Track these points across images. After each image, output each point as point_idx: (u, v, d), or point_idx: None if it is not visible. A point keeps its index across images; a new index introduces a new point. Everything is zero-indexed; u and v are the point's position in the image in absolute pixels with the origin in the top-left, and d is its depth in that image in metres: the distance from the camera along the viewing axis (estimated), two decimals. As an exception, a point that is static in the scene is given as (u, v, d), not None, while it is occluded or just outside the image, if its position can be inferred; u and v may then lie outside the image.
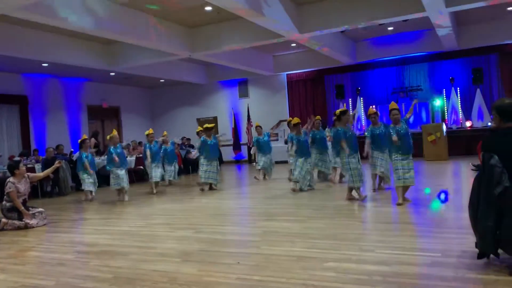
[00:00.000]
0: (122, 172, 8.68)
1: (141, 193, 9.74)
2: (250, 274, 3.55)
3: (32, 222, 6.33)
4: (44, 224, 6.50)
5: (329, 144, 9.25)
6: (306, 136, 8.37)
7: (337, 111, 7.03)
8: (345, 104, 7.63)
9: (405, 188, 6.30)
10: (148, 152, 9.64)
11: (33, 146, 13.71)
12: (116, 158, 8.57)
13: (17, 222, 6.28)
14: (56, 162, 7.21)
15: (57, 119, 14.80)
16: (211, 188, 9.37)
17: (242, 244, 4.54)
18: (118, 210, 7.74)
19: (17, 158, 10.27)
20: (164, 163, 10.60)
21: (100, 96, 16.45)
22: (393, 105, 6.49)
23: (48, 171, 7.28)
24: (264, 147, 10.29)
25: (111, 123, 17.22)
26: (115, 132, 9.15)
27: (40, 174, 7.52)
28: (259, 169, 10.33)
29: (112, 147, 8.80)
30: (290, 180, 9.07)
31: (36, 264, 4.49)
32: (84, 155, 9.10)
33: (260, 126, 10.71)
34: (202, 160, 9.30)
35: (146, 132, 9.94)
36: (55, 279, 3.81)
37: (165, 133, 10.77)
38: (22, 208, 6.34)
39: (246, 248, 4.38)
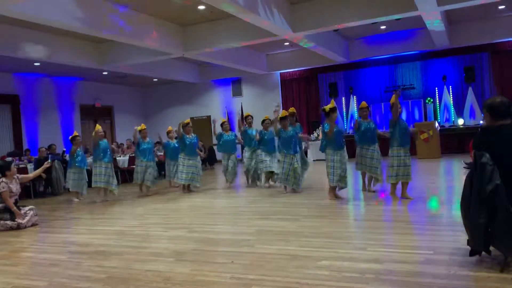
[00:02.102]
0: (106, 170, 8.59)
1: (134, 193, 9.71)
2: (244, 273, 3.55)
3: (25, 221, 6.30)
4: (36, 222, 6.49)
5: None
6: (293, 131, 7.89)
7: (327, 107, 6.84)
8: (333, 100, 7.47)
9: (404, 185, 6.40)
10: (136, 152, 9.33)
11: (25, 146, 13.61)
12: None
13: (9, 223, 6.24)
14: (46, 162, 7.19)
15: (50, 118, 14.71)
16: (189, 189, 9.13)
17: (235, 243, 4.54)
18: (111, 209, 7.71)
19: (9, 159, 10.23)
20: (168, 160, 10.02)
21: (93, 96, 16.36)
22: (393, 99, 6.56)
23: (38, 171, 7.25)
24: (228, 146, 9.30)
25: (104, 123, 17.14)
26: (99, 127, 9.04)
27: (30, 175, 7.47)
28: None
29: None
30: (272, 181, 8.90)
31: (29, 264, 4.46)
32: (79, 151, 9.05)
33: (228, 122, 9.74)
34: (181, 160, 8.92)
35: (139, 128, 9.36)
36: (48, 280, 3.79)
37: (170, 128, 10.10)
38: (15, 208, 6.30)
39: (240, 247, 4.38)
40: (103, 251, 4.66)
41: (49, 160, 7.61)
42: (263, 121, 8.93)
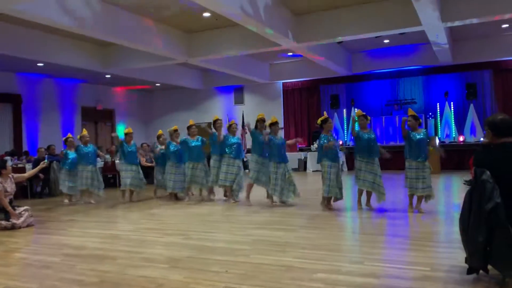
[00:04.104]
0: (88, 174, 8.69)
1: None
2: (238, 283, 3.51)
3: (19, 221, 6.25)
4: (31, 223, 6.45)
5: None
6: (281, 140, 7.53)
7: (319, 120, 7.10)
8: (325, 112, 7.57)
9: (420, 198, 6.39)
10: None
11: (25, 145, 13.60)
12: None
13: (3, 223, 6.19)
14: (42, 162, 7.18)
15: (51, 119, 14.71)
16: (176, 198, 8.85)
17: (231, 252, 4.49)
18: (107, 213, 7.67)
19: (8, 158, 10.21)
20: (156, 167, 9.67)
21: (95, 98, 16.39)
22: (410, 111, 6.66)
23: (33, 171, 7.23)
24: (194, 152, 8.49)
25: (105, 125, 17.15)
26: (85, 132, 9.15)
27: (24, 174, 7.42)
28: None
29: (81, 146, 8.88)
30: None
31: (21, 266, 4.42)
32: (70, 153, 9.04)
33: (195, 125, 8.90)
34: (168, 168, 8.67)
35: (125, 131, 9.11)
36: (39, 282, 3.75)
37: (160, 132, 9.69)
38: (10, 208, 6.26)
39: (235, 256, 4.33)
40: (97, 254, 4.61)
41: (46, 161, 7.61)
42: (229, 126, 8.35)
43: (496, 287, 3.15)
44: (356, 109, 7.20)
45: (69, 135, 9.41)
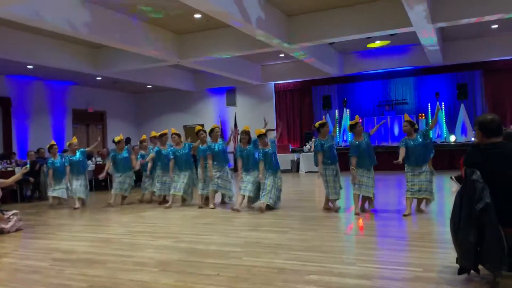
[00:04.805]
0: (76, 182, 8.68)
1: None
2: (230, 286, 3.48)
3: (8, 226, 6.17)
4: (21, 227, 6.37)
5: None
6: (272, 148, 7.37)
7: (316, 124, 7.11)
8: (324, 117, 7.57)
9: (419, 200, 6.45)
10: (109, 163, 9.00)
11: (15, 149, 13.45)
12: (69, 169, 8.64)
13: (-8, 227, 6.10)
14: (24, 167, 7.09)
15: (41, 122, 14.57)
16: (164, 200, 8.64)
17: (223, 255, 4.46)
18: (97, 216, 7.59)
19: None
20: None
21: (86, 100, 16.26)
22: (406, 117, 6.69)
23: (15, 177, 7.07)
24: (180, 162, 8.21)
25: (96, 128, 17.03)
26: (75, 140, 9.09)
27: (7, 180, 7.24)
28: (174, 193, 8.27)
29: (70, 155, 8.81)
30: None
31: (9, 271, 4.34)
32: (50, 161, 8.93)
33: (178, 134, 8.42)
34: (158, 171, 8.54)
35: (116, 139, 8.93)
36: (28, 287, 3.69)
37: (143, 137, 9.69)
38: (-2, 212, 6.18)
39: (227, 259, 4.30)
40: (87, 259, 4.55)
41: (27, 165, 7.53)
42: (211, 131, 7.94)
43: (486, 287, 3.15)
44: (348, 112, 6.77)
45: (53, 142, 9.35)
